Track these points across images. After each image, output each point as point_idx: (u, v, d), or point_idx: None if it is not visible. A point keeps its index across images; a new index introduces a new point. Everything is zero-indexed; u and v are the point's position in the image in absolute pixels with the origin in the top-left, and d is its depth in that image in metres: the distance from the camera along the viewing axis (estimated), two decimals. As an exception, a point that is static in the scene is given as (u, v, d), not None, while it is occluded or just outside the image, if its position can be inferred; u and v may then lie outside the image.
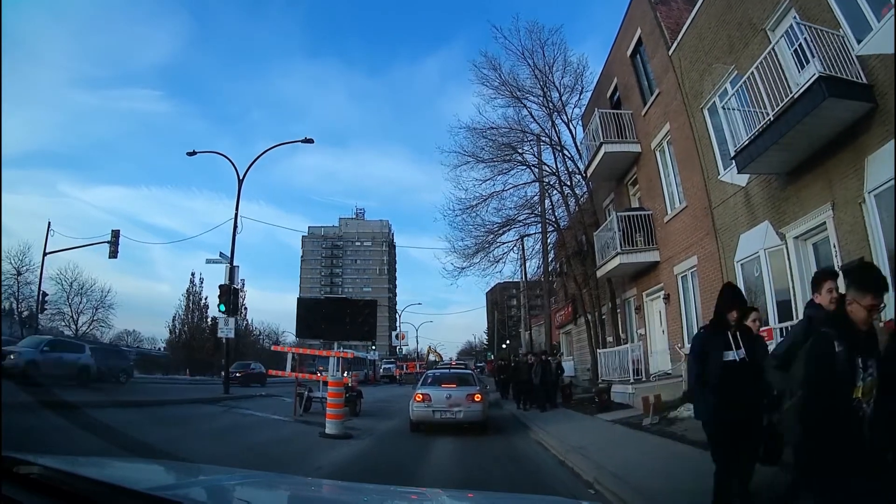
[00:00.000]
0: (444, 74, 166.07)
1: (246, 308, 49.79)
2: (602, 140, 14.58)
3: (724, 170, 10.89)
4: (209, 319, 44.04)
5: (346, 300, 14.63)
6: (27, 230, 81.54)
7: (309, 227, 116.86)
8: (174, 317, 41.64)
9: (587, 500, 4.86)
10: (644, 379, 12.08)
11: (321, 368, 33.70)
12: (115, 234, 24.15)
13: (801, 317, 8.59)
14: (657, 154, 13.83)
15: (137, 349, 47.36)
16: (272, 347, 20.43)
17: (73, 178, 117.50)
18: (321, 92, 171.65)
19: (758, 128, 8.26)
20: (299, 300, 14.32)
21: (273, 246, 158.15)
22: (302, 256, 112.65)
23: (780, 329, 8.05)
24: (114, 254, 23.99)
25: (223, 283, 18.39)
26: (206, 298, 44.94)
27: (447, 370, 14.04)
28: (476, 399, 10.43)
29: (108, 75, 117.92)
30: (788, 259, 8.97)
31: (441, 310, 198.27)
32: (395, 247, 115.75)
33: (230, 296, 18.23)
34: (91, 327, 37.98)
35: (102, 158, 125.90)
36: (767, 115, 8.07)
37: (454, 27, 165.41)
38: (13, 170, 65.84)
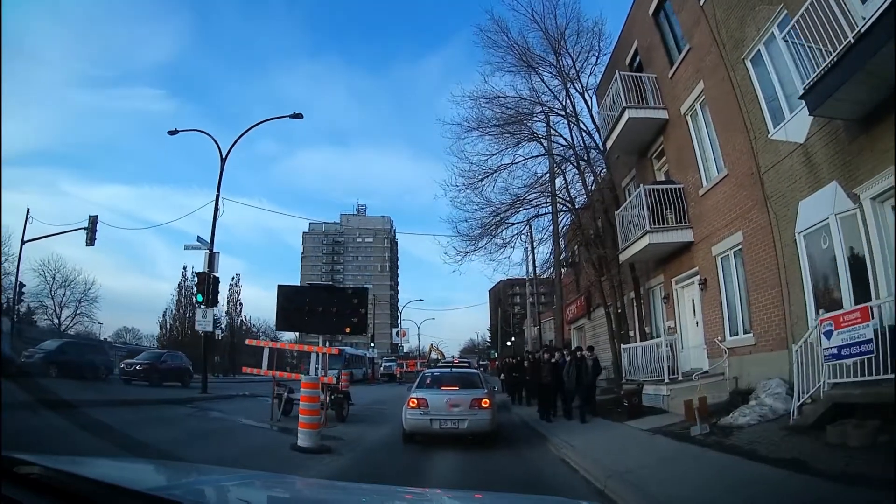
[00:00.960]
0: (447, 72, 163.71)
1: (241, 304, 48.43)
2: (625, 104, 12.76)
3: (776, 127, 9.20)
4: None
5: (333, 288, 12.81)
6: (20, 226, 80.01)
7: (310, 223, 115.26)
8: (164, 312, 39.83)
9: (587, 500, 4.78)
10: (680, 378, 10.25)
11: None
12: (93, 221, 22.49)
13: (882, 296, 7.14)
14: (688, 119, 12.05)
15: (136, 345, 45.97)
16: (247, 342, 18.57)
17: (74, 176, 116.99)
18: (322, 90, 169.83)
19: (837, 52, 6.50)
20: (279, 288, 12.54)
21: (274, 244, 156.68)
22: (302, 253, 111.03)
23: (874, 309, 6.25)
24: (91, 241, 22.34)
25: (202, 270, 16.69)
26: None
27: (448, 370, 12.06)
28: (483, 405, 8.60)
29: (109, 74, 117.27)
30: (864, 225, 7.28)
31: (443, 309, 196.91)
32: (396, 243, 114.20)
33: (208, 285, 16.54)
34: (75, 321, 36.22)
35: (104, 157, 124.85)
36: (835, 50, 6.48)
37: (456, 23, 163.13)
38: (14, 168, 64.78)
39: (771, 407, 7.97)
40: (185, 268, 39.46)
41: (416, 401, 8.65)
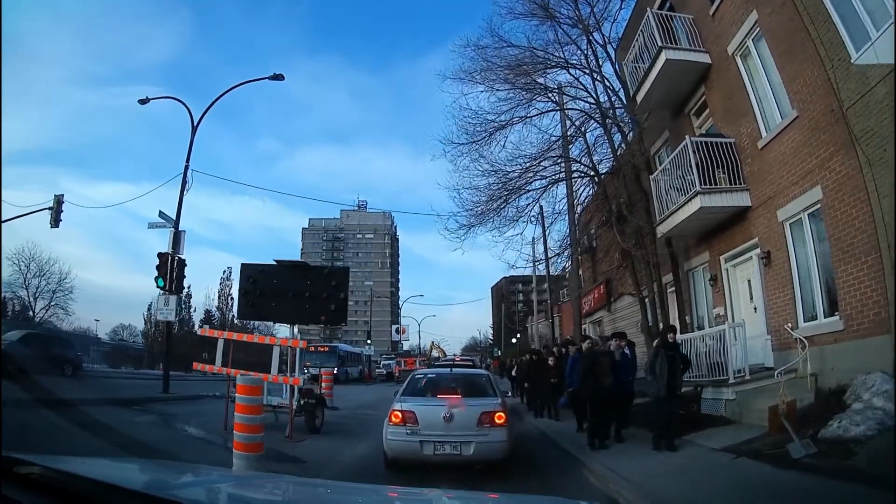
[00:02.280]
0: (447, 70, 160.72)
1: (232, 298, 46.54)
2: (660, 44, 10.57)
3: (859, 50, 7.10)
4: (192, 310, 40.94)
5: (306, 266, 10.49)
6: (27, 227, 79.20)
7: (310, 219, 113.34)
8: (150, 305, 37.57)
9: (587, 500, 4.67)
10: (747, 377, 7.98)
11: (308, 365, 29.55)
12: (58, 200, 20.23)
13: None
14: (738, 59, 9.88)
15: (120, 342, 44.14)
16: (199, 331, 16.31)
17: (75, 174, 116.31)
18: (323, 88, 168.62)
19: None
20: (243, 267, 10.38)
21: (276, 241, 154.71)
22: (302, 249, 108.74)
23: None
24: (56, 222, 20.11)
25: (164, 251, 14.52)
26: (188, 287, 41.52)
27: (447, 370, 9.08)
28: (497, 420, 6.09)
29: (110, 73, 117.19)
30: None
31: (444, 308, 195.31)
32: (398, 239, 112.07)
33: (172, 267, 14.37)
34: (50, 313, 34.05)
35: (105, 155, 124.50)
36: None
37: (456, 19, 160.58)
38: (16, 167, 63.46)
39: (884, 410, 5.84)
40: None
41: (399, 414, 6.16)
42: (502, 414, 6.23)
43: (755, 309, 9.34)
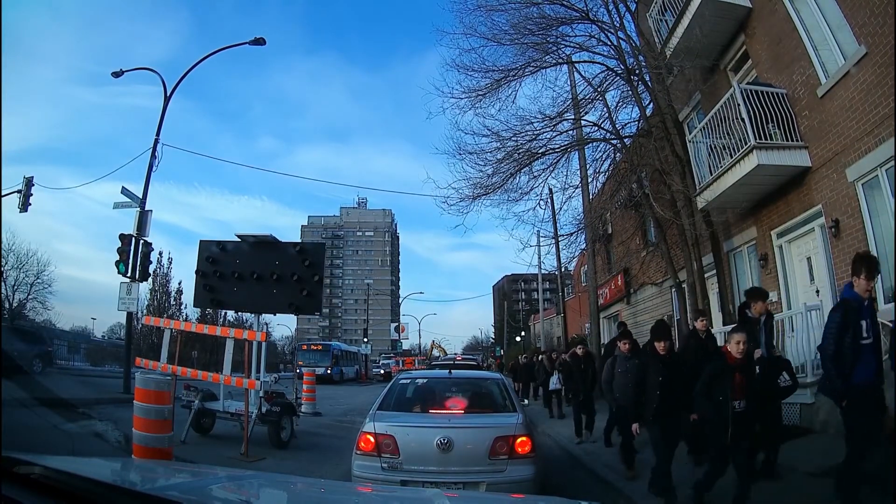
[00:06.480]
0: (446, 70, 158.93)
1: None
2: (697, -21, 8.95)
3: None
4: (183, 306, 39.39)
5: (272, 242, 8.75)
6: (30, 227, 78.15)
7: (309, 217, 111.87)
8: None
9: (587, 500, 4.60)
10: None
11: (300, 364, 27.83)
12: (28, 182, 18.66)
13: None
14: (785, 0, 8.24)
15: (117, 339, 42.73)
16: (144, 320, 14.68)
17: (74, 173, 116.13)
18: (321, 87, 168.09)
19: None
20: (201, 244, 8.78)
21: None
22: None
23: None
24: (24, 207, 18.59)
25: (128, 232, 12.88)
26: (180, 283, 39.97)
27: (446, 372, 6.40)
28: (519, 450, 4.29)
29: (109, 72, 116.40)
30: None
31: (445, 307, 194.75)
32: (398, 237, 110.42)
33: (136, 251, 12.77)
34: (29, 308, 32.37)
35: (105, 154, 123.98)
36: None
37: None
38: (15, 166, 62.58)
39: None
40: (160, 254, 35.62)
41: (371, 439, 4.32)
42: (527, 439, 4.34)
43: (817, 292, 7.69)
